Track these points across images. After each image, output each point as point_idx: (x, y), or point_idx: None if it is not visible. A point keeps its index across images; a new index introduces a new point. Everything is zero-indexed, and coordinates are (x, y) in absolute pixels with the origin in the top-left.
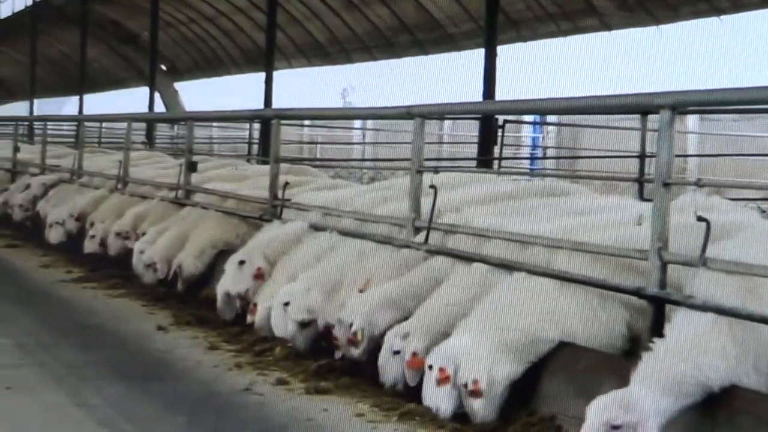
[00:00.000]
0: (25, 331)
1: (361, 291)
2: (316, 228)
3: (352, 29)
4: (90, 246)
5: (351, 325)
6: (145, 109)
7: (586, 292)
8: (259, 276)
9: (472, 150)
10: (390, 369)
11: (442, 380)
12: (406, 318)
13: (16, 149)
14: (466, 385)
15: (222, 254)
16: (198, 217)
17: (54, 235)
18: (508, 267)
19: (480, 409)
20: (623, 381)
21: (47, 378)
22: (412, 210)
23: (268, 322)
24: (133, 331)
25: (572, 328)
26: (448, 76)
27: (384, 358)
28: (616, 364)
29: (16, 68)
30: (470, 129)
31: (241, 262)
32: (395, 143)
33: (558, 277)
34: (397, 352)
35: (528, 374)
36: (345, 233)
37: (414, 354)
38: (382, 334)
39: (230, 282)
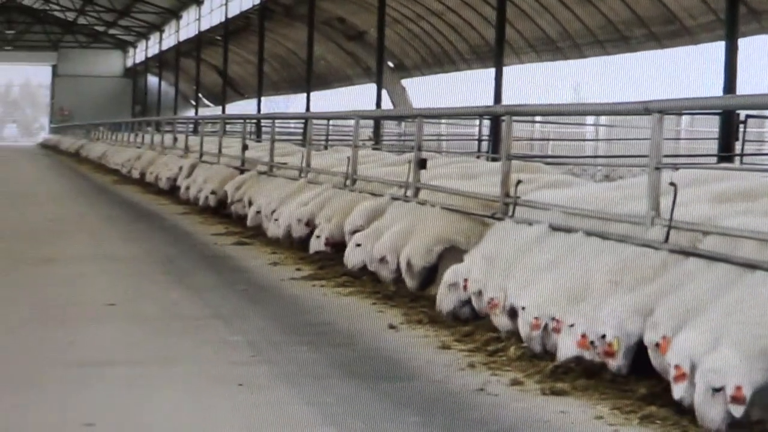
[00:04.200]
0: (256, 329)
1: None
2: (551, 227)
3: (584, 23)
4: (316, 245)
5: (604, 336)
6: (371, 106)
7: None
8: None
9: (711, 146)
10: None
11: (678, 377)
12: None
13: (245, 147)
14: (719, 389)
15: (448, 252)
16: (423, 213)
17: (275, 230)
18: (754, 267)
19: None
20: None
21: (278, 375)
22: (651, 208)
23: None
24: (363, 329)
25: None
26: (686, 70)
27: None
28: None
29: (245, 67)
30: (709, 125)
31: None
32: (630, 139)
33: None
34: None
35: None
36: (582, 232)
37: (664, 337)
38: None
39: None
